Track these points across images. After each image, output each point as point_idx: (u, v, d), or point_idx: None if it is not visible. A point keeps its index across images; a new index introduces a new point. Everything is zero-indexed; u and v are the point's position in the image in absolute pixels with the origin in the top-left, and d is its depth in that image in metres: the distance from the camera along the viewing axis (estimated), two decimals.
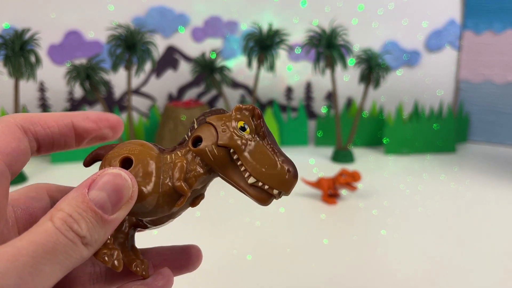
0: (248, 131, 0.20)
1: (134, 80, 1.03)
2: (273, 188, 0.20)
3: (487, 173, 0.83)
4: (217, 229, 0.56)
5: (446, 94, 1.14)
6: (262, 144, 0.20)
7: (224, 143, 0.20)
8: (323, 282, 0.44)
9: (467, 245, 0.52)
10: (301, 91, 1.14)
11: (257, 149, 0.20)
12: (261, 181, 0.20)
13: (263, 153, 0.20)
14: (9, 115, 0.19)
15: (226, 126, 0.20)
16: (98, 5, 1.02)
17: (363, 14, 1.09)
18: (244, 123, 0.20)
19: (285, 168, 0.20)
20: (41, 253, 0.15)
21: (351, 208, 0.64)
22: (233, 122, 0.20)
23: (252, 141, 0.20)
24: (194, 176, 0.20)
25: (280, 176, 0.20)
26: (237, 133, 0.20)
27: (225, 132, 0.20)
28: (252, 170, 0.20)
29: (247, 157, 0.20)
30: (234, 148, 0.20)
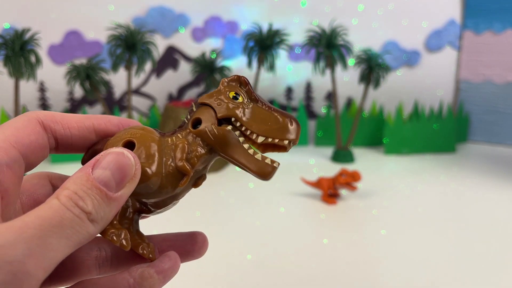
0: (241, 98, 0.21)
1: (134, 80, 1.03)
2: (283, 139, 0.21)
3: (487, 173, 0.83)
4: (217, 229, 0.57)
5: (446, 94, 1.14)
6: (258, 106, 0.21)
7: (223, 114, 0.20)
8: (323, 282, 0.44)
9: (467, 244, 0.52)
10: (301, 91, 1.14)
11: (255, 111, 0.21)
12: (270, 137, 0.21)
13: (262, 113, 0.21)
14: (33, 111, 0.20)
15: (219, 99, 0.21)
16: (98, 5, 1.02)
17: (363, 14, 1.09)
18: (235, 93, 0.21)
19: (286, 119, 0.21)
20: (47, 226, 0.16)
21: (351, 208, 0.64)
22: (225, 94, 0.21)
23: (247, 105, 0.21)
24: (195, 156, 0.20)
25: (285, 127, 0.21)
26: (232, 102, 0.21)
27: (220, 105, 0.21)
28: (258, 130, 0.21)
29: (248, 120, 0.21)
30: (234, 116, 0.20)
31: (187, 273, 0.45)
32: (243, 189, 0.73)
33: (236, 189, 0.72)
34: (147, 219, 0.25)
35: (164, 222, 0.58)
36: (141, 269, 0.20)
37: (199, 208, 0.65)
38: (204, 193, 0.71)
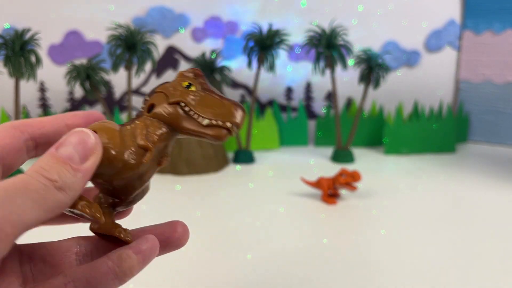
0: (193, 87, 0.24)
1: (134, 80, 1.03)
2: (225, 121, 0.23)
3: (487, 173, 0.83)
4: (217, 228, 0.57)
5: (446, 94, 1.14)
6: (208, 94, 0.23)
7: (175, 99, 0.23)
8: (323, 282, 0.44)
9: (467, 244, 0.52)
10: (301, 91, 1.14)
11: (204, 98, 0.23)
12: (213, 119, 0.23)
13: (210, 100, 0.23)
14: (8, 122, 0.21)
15: (173, 87, 0.23)
16: (98, 5, 1.02)
17: (362, 15, 1.09)
18: (188, 82, 0.24)
19: (231, 104, 0.23)
20: (12, 188, 0.17)
21: (351, 208, 0.65)
22: (179, 84, 0.24)
23: (198, 93, 0.23)
24: (154, 133, 0.22)
25: (229, 110, 0.23)
26: (184, 90, 0.23)
27: (174, 93, 0.23)
28: (203, 113, 0.23)
29: (196, 105, 0.23)
30: (183, 101, 0.23)
31: (187, 272, 0.46)
32: (243, 189, 0.73)
33: (236, 189, 0.73)
34: (144, 220, 0.25)
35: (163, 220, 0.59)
36: (119, 251, 0.21)
37: (199, 208, 0.65)
38: (204, 193, 0.71)
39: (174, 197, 0.69)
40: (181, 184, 0.75)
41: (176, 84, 0.23)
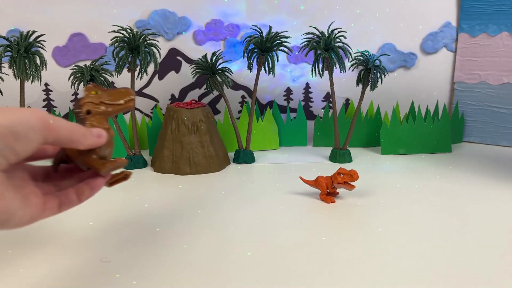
0: (98, 92, 0.39)
1: (137, 81, 1.05)
2: (129, 97, 0.40)
3: (482, 173, 0.85)
4: (218, 227, 0.58)
5: (442, 95, 1.16)
6: (108, 90, 0.39)
7: (98, 102, 0.39)
8: (322, 278, 0.45)
9: (463, 242, 0.54)
10: (300, 92, 1.16)
11: (108, 93, 0.39)
12: (123, 99, 0.39)
13: (112, 92, 0.39)
14: None
15: (90, 98, 0.39)
16: (102, 8, 1.04)
17: (360, 17, 1.11)
18: (94, 91, 0.39)
19: (125, 89, 0.40)
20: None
21: (349, 206, 0.66)
22: (90, 94, 0.39)
23: (103, 93, 0.39)
24: (103, 123, 0.38)
25: (126, 92, 0.40)
26: (97, 95, 0.39)
27: (94, 99, 0.38)
28: (116, 100, 0.40)
29: (110, 99, 0.39)
30: (104, 100, 0.39)
31: (188, 269, 0.47)
32: (243, 188, 0.75)
33: (236, 188, 0.74)
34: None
35: (166, 219, 0.60)
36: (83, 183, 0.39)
37: (200, 207, 0.66)
38: (205, 192, 0.73)
39: (176, 196, 0.70)
40: (183, 184, 0.77)
41: (90, 95, 0.39)
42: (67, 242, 0.53)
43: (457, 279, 0.44)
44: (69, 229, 0.58)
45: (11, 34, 0.81)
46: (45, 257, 0.49)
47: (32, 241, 0.54)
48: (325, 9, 1.10)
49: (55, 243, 0.53)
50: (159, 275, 0.45)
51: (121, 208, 0.65)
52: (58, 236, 0.55)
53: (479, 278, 0.45)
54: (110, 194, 0.71)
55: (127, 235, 0.55)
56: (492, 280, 0.44)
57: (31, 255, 0.50)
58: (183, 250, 0.51)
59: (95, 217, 0.62)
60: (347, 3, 1.11)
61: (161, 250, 0.51)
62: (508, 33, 1.07)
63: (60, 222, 0.60)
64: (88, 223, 0.59)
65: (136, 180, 0.80)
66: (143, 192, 0.73)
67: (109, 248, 0.51)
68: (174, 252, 0.51)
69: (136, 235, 0.55)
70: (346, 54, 0.90)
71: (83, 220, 0.60)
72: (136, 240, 0.54)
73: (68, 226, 0.58)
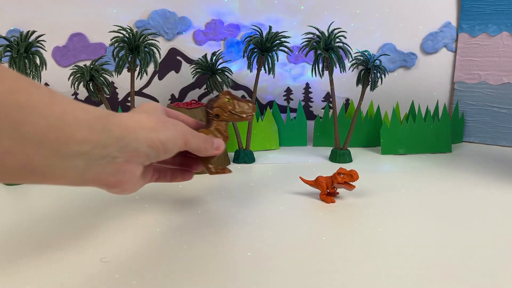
0: (230, 100, 0.54)
1: (137, 81, 1.05)
2: (251, 112, 0.55)
3: (482, 173, 0.85)
4: (218, 227, 0.58)
5: (442, 95, 1.16)
6: (238, 101, 0.54)
7: (228, 110, 0.54)
8: (322, 278, 0.45)
9: (463, 243, 0.54)
10: (300, 92, 1.16)
11: (238, 103, 0.54)
12: (246, 114, 0.55)
13: (240, 104, 0.54)
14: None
15: (224, 104, 0.54)
16: (102, 8, 1.04)
17: (360, 17, 1.11)
18: (227, 98, 0.54)
19: (250, 103, 0.54)
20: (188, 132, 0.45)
21: (349, 206, 0.66)
22: (224, 99, 0.54)
23: (234, 102, 0.54)
24: (225, 128, 0.55)
25: (249, 106, 0.54)
26: (228, 103, 0.54)
27: (226, 106, 0.53)
28: (241, 112, 0.54)
29: (237, 109, 0.54)
30: (232, 110, 0.54)
31: (186, 271, 0.47)
32: (243, 188, 0.75)
33: (236, 188, 0.74)
34: None
35: (166, 218, 0.60)
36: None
37: (199, 207, 0.66)
38: (205, 191, 0.73)
39: (175, 195, 0.70)
40: (182, 183, 0.77)
41: (223, 101, 0.53)
42: (67, 242, 0.53)
43: (457, 279, 0.45)
44: (69, 229, 0.58)
45: (11, 34, 0.81)
46: (45, 257, 0.49)
47: (32, 241, 0.54)
48: (325, 9, 1.10)
49: (55, 243, 0.53)
50: (159, 275, 0.45)
51: (120, 208, 0.65)
52: (58, 236, 0.55)
53: (479, 278, 0.45)
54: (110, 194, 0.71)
55: (126, 235, 0.55)
56: (492, 280, 0.44)
57: (31, 255, 0.50)
58: (182, 250, 0.51)
59: (95, 217, 0.62)
60: (347, 3, 1.11)
61: (160, 250, 0.51)
62: (508, 33, 1.07)
63: (60, 222, 0.60)
64: (88, 223, 0.59)
65: None
66: (142, 191, 0.73)
67: (109, 248, 0.51)
68: (173, 252, 0.51)
69: (135, 235, 0.55)
70: (346, 54, 0.90)
71: (83, 219, 0.60)
72: (136, 240, 0.54)
73: (68, 226, 0.58)
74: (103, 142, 0.34)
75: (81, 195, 0.71)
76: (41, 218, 0.61)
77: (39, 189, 0.75)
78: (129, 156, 0.37)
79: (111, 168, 0.36)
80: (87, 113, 0.33)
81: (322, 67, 0.91)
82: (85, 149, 0.32)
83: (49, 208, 0.65)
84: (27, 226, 0.58)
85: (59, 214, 0.63)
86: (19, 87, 0.28)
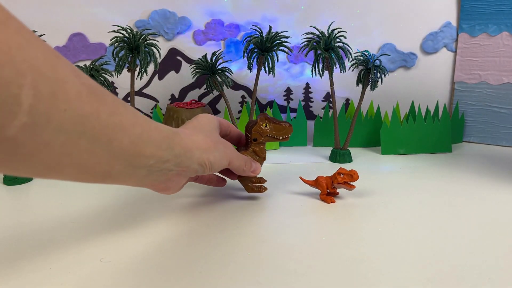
0: (268, 125, 0.60)
1: (137, 81, 1.05)
2: (287, 135, 0.60)
3: (483, 173, 0.85)
4: (218, 227, 0.58)
5: (442, 95, 1.16)
6: (275, 124, 0.60)
7: (266, 134, 0.60)
8: (322, 278, 0.45)
9: (463, 243, 0.54)
10: (300, 92, 1.16)
11: (274, 127, 0.60)
12: (282, 136, 0.61)
13: (277, 127, 0.60)
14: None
15: (261, 129, 0.60)
16: (102, 8, 1.04)
17: (360, 17, 1.11)
18: (265, 124, 0.59)
19: (287, 126, 0.60)
20: (234, 155, 0.57)
21: (349, 206, 0.66)
22: (261, 125, 0.60)
23: (271, 126, 0.60)
24: (263, 151, 0.63)
25: (286, 129, 0.60)
26: (266, 129, 0.60)
27: (263, 130, 0.60)
28: (278, 135, 0.60)
29: (274, 133, 0.60)
30: (270, 133, 0.60)
31: (186, 271, 0.47)
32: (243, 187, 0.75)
33: (237, 188, 0.74)
34: None
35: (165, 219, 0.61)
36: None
37: (199, 206, 0.66)
38: (205, 191, 0.73)
39: (175, 196, 0.70)
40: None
41: (261, 126, 0.59)
42: (67, 242, 0.53)
43: (457, 279, 0.45)
44: (69, 229, 0.58)
45: None
46: (44, 257, 0.49)
47: (32, 241, 0.54)
48: (324, 9, 1.10)
49: (55, 243, 0.53)
50: (159, 275, 0.45)
51: (120, 208, 0.65)
52: (58, 236, 0.55)
53: (479, 278, 0.45)
54: (110, 194, 0.71)
55: (126, 235, 0.55)
56: (492, 281, 0.44)
57: (30, 255, 0.50)
58: (182, 250, 0.51)
59: (94, 216, 0.62)
60: (346, 3, 1.11)
61: (160, 250, 0.51)
62: (508, 33, 1.07)
63: (60, 222, 0.60)
64: (88, 223, 0.59)
65: None
66: (143, 191, 0.73)
67: (109, 248, 0.51)
68: (173, 252, 0.51)
69: (135, 235, 0.55)
70: (346, 54, 0.90)
71: (83, 219, 0.60)
72: (135, 241, 0.54)
73: (68, 226, 0.58)
74: (165, 158, 0.42)
75: (81, 195, 0.71)
76: (41, 218, 0.61)
77: (39, 189, 0.75)
78: (181, 170, 0.45)
79: (164, 177, 0.44)
80: (159, 132, 0.41)
81: (322, 67, 0.91)
82: (150, 163, 0.40)
83: (49, 208, 0.65)
84: (27, 226, 0.58)
85: (59, 214, 0.63)
86: (115, 109, 0.34)
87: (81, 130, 0.31)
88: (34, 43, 0.29)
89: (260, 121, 0.59)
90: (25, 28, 0.29)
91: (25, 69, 0.26)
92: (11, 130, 0.26)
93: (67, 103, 0.29)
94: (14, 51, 0.26)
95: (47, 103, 0.27)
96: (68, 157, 0.31)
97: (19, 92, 0.25)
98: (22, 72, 0.26)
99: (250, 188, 0.65)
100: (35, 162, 0.29)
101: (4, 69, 0.25)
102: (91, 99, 0.32)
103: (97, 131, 0.32)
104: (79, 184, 0.78)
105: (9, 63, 0.25)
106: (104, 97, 0.34)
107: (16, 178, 0.77)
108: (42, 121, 0.27)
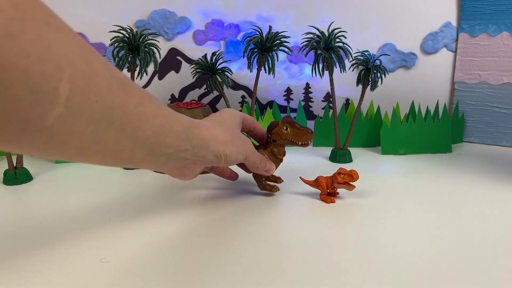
0: (288, 129, 0.60)
1: (137, 81, 1.05)
2: (307, 140, 0.61)
3: (483, 173, 0.85)
4: (218, 227, 0.58)
5: (442, 95, 1.16)
6: (296, 129, 0.60)
7: (285, 137, 0.61)
8: (322, 280, 0.45)
9: (463, 243, 0.54)
10: (300, 92, 1.16)
11: (295, 131, 0.60)
12: (302, 141, 0.61)
13: (298, 132, 0.60)
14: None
15: (281, 131, 0.61)
16: (102, 8, 1.04)
17: (360, 17, 1.11)
18: (285, 127, 0.60)
19: (308, 131, 0.60)
20: (251, 152, 0.58)
21: (349, 206, 0.66)
22: (282, 128, 0.61)
23: (291, 130, 0.60)
24: (281, 151, 0.63)
25: (307, 135, 0.60)
26: (286, 132, 0.61)
27: (283, 133, 0.61)
28: (297, 140, 0.61)
29: (294, 137, 0.61)
30: (289, 137, 0.61)
31: (186, 271, 0.47)
32: (244, 188, 0.75)
33: (237, 188, 0.74)
34: None
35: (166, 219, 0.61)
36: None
37: (199, 206, 0.66)
38: (205, 191, 0.73)
39: (175, 196, 0.70)
40: (184, 183, 0.77)
41: (282, 129, 0.60)
42: (67, 242, 0.53)
43: (457, 279, 0.45)
44: (69, 229, 0.58)
45: None
46: (44, 257, 0.49)
47: (32, 241, 0.54)
48: (324, 8, 1.10)
49: (55, 243, 0.53)
50: (159, 275, 0.45)
51: (120, 208, 0.65)
52: (58, 236, 0.55)
53: (479, 278, 0.45)
54: (110, 194, 0.71)
55: (126, 235, 0.55)
56: (492, 281, 0.44)
57: (30, 255, 0.50)
58: (182, 250, 0.51)
59: (94, 216, 0.62)
60: (346, 3, 1.11)
61: (160, 250, 0.51)
62: (508, 33, 1.07)
63: (60, 222, 0.60)
64: (88, 223, 0.59)
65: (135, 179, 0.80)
66: (143, 191, 0.73)
67: (109, 248, 0.51)
68: (173, 252, 0.51)
69: (135, 235, 0.55)
70: (346, 54, 0.90)
71: (83, 219, 0.60)
72: (135, 241, 0.54)
73: (68, 226, 0.58)
74: (183, 148, 0.45)
75: (81, 195, 0.71)
76: (41, 218, 0.61)
77: (39, 189, 0.75)
78: (197, 160, 0.48)
79: (180, 164, 0.47)
80: (180, 123, 0.44)
81: (322, 67, 0.91)
82: (169, 151, 0.43)
83: (49, 208, 0.65)
84: (27, 226, 0.58)
85: (59, 214, 0.63)
86: (141, 100, 0.37)
87: (110, 120, 0.33)
88: (72, 39, 0.31)
89: (281, 123, 0.60)
90: (64, 25, 0.31)
91: (63, 64, 0.28)
92: (49, 120, 0.28)
93: (98, 95, 0.31)
94: (54, 47, 0.28)
95: (81, 95, 0.30)
96: (97, 144, 0.34)
97: (58, 85, 0.27)
98: (61, 67, 0.28)
99: (262, 186, 0.66)
100: (67, 148, 0.32)
101: (45, 64, 0.26)
102: (120, 91, 0.34)
103: (124, 121, 0.35)
104: (79, 184, 0.78)
105: (50, 59, 0.27)
106: (131, 89, 0.36)
107: (16, 178, 0.77)
108: (76, 112, 0.30)
